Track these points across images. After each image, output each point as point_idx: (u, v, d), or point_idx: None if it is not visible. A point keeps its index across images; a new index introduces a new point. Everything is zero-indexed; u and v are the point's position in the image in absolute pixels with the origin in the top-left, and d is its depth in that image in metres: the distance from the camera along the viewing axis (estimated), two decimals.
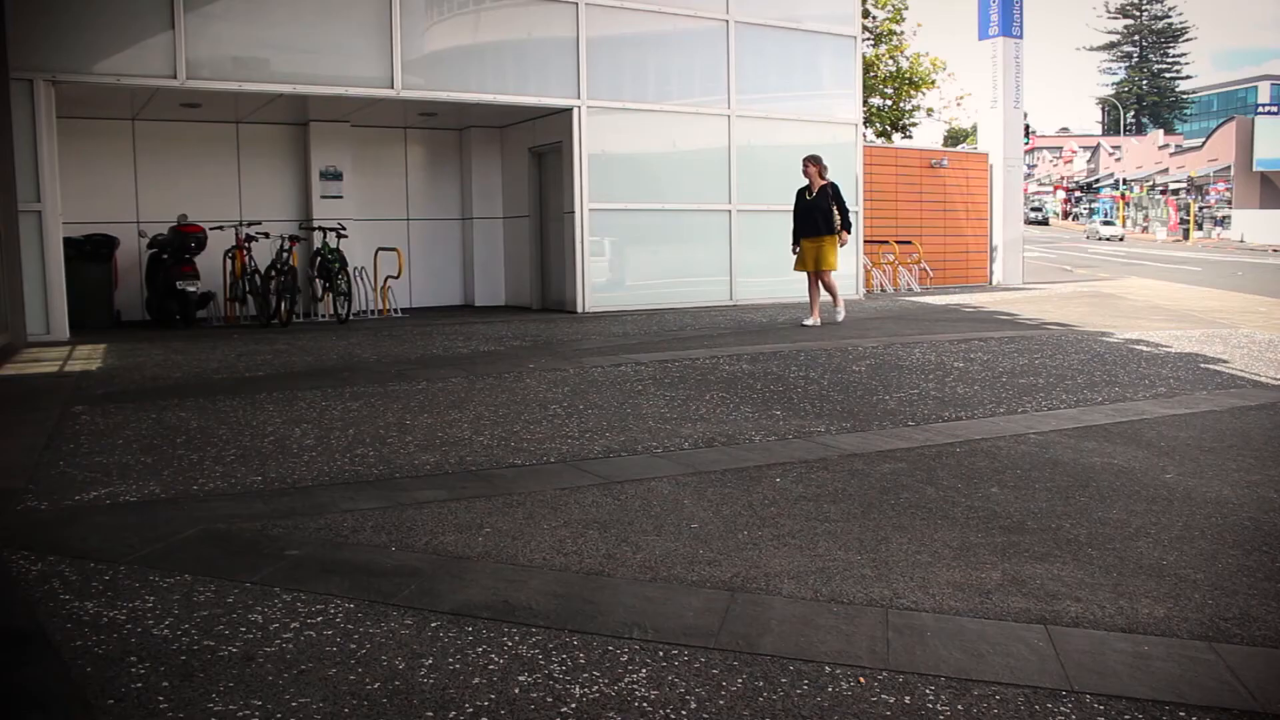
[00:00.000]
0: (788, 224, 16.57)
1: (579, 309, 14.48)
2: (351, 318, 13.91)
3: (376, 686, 2.76)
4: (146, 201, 14.54)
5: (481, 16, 14.17)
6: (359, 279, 14.49)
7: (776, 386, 7.72)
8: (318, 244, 14.13)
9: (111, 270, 13.64)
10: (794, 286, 16.54)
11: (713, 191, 15.67)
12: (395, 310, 15.02)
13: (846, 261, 17.14)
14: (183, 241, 13.31)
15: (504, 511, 4.40)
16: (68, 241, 12.16)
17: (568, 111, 14.45)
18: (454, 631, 3.13)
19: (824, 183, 12.50)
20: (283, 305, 13.12)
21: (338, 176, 15.16)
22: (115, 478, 5.01)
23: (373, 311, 14.80)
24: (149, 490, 4.78)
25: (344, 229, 14.15)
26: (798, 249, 12.80)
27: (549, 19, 14.41)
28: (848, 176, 17.01)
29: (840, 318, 12.81)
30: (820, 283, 12.68)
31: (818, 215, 12.46)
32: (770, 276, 16.19)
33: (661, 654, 3.01)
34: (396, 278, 14.78)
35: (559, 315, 14.31)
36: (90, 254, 13.27)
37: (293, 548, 3.90)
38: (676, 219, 15.39)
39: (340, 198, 15.14)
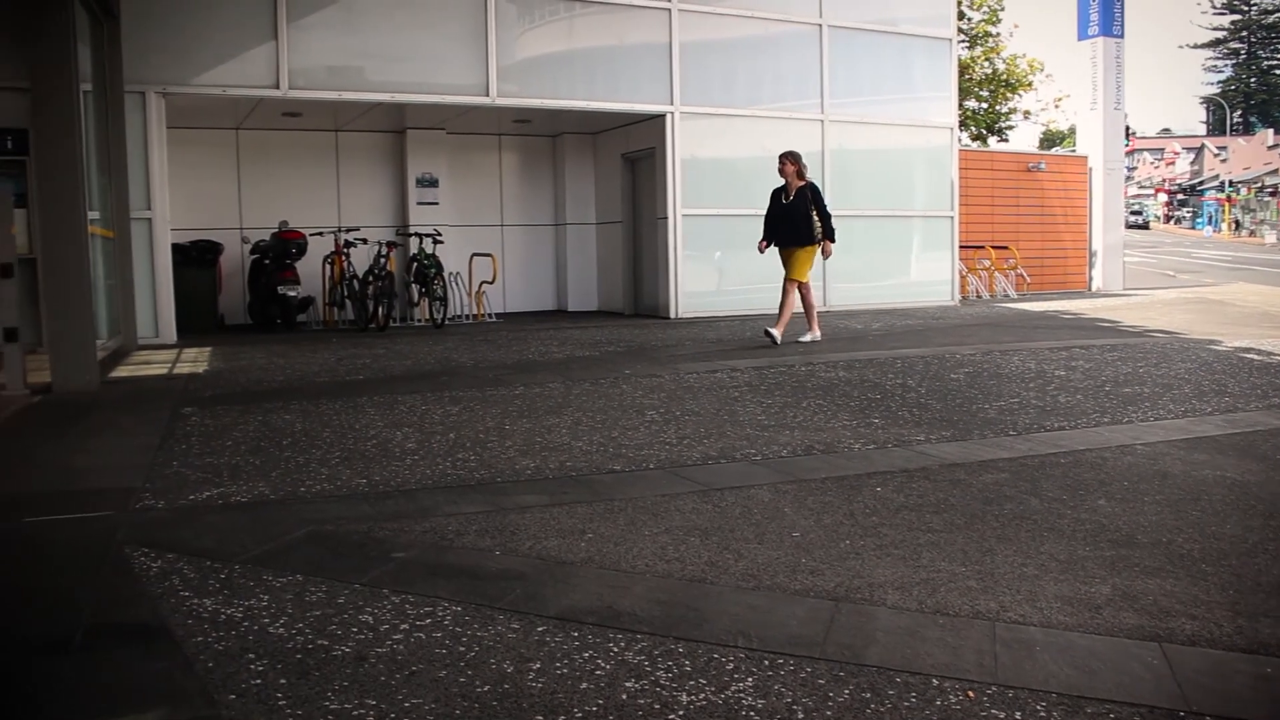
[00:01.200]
0: (881, 229, 16.50)
1: (672, 314, 14.51)
2: (447, 322, 14.11)
3: (486, 689, 2.80)
4: (249, 208, 14.92)
5: (575, 23, 14.28)
6: (454, 284, 14.68)
7: (874, 394, 7.66)
8: (414, 250, 14.37)
9: (216, 275, 14.00)
10: (888, 291, 16.40)
11: None
12: (490, 315, 15.20)
13: (941, 267, 16.95)
14: (284, 247, 13.64)
15: (605, 517, 4.43)
16: (175, 248, 12.52)
17: (660, 117, 14.49)
18: (560, 636, 3.16)
19: (802, 184, 10.98)
20: (380, 310, 13.36)
21: (434, 183, 15.39)
22: (226, 478, 5.15)
23: (468, 316, 14.99)
24: (258, 491, 4.90)
25: (440, 235, 14.37)
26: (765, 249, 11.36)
27: (641, 25, 14.47)
28: (943, 181, 16.82)
29: (808, 338, 11.19)
30: (791, 291, 11.11)
31: (796, 221, 10.91)
32: (863, 282, 16.10)
33: (767, 663, 3.00)
34: (491, 283, 14.95)
35: (652, 320, 14.35)
36: (196, 260, 13.65)
37: (399, 550, 3.97)
38: None
39: (436, 204, 15.38)
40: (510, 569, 3.77)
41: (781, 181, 11.20)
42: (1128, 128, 22.89)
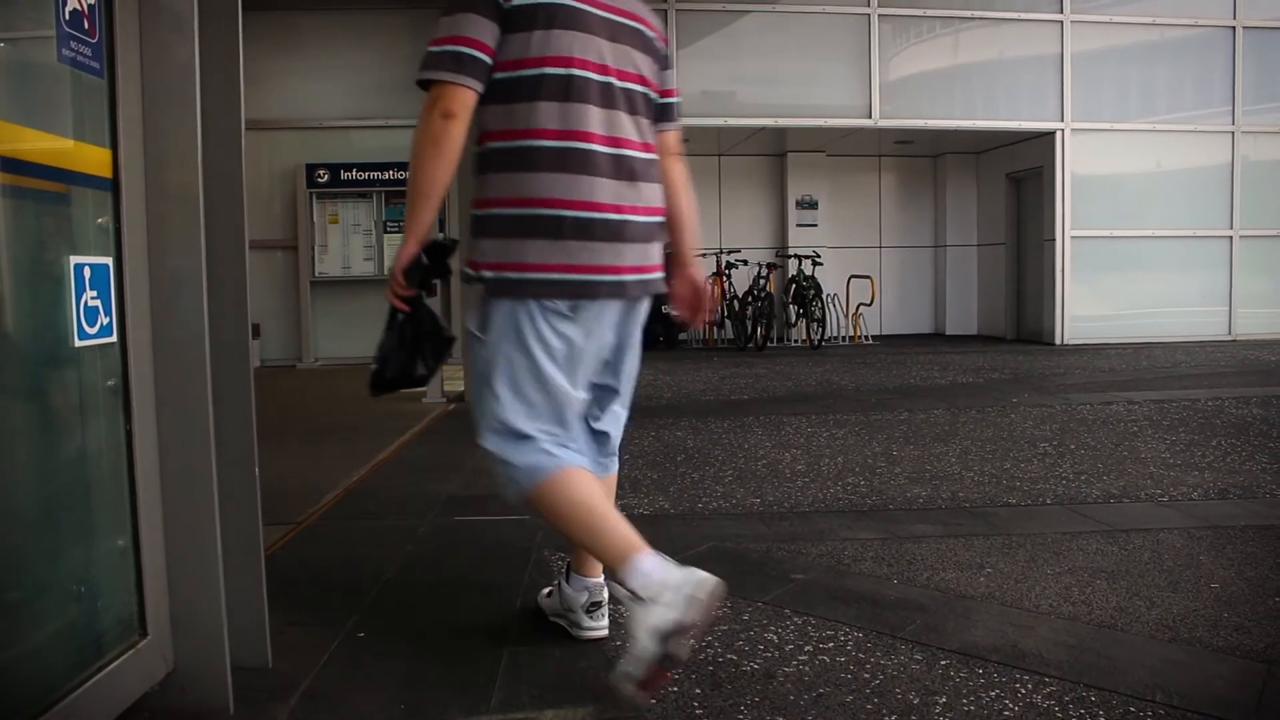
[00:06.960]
0: None
1: (1057, 340, 13.90)
2: (823, 344, 14.21)
3: (894, 719, 2.83)
4: None
5: (958, 39, 14.02)
6: (831, 305, 14.76)
7: None
8: (793, 271, 14.58)
9: None
10: None
11: (1208, 215, 14.46)
12: (866, 337, 15.17)
13: None
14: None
15: (1003, 552, 4.34)
16: None
17: (1049, 135, 13.94)
18: (964, 672, 3.14)
19: None
20: (759, 330, 13.66)
21: (813, 205, 15.57)
22: (627, 490, 5.47)
23: (844, 338, 15.03)
24: (659, 505, 5.18)
25: (819, 257, 14.51)
26: None
27: (1028, 38, 14.00)
28: None
29: None
30: None
31: None
32: (1278, 308, 14.71)
33: None
34: (869, 305, 14.92)
35: (1035, 346, 13.81)
36: None
37: (798, 571, 4.08)
38: (1165, 246, 14.37)
39: (815, 226, 15.54)
40: (909, 598, 3.78)
41: None
42: None
